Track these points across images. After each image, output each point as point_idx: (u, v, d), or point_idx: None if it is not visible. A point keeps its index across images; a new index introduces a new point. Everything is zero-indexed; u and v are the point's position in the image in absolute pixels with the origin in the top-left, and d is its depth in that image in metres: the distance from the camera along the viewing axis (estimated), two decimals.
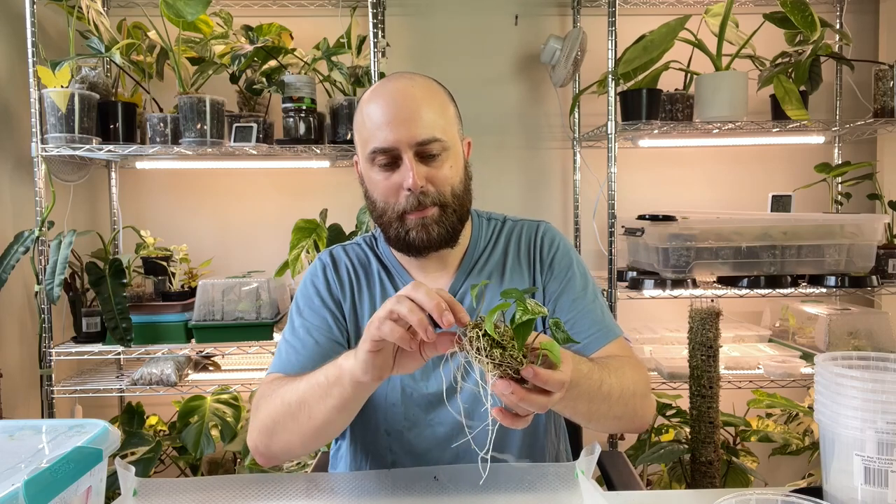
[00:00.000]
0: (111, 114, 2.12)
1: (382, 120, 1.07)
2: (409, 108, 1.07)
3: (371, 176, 1.11)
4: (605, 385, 0.97)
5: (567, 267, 1.21)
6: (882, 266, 2.23)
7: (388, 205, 1.10)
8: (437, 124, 1.08)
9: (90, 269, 1.99)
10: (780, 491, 0.80)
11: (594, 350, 1.14)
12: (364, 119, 1.11)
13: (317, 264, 1.25)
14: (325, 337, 1.16)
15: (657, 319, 2.57)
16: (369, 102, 1.11)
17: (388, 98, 1.09)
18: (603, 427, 1.29)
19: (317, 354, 1.13)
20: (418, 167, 1.07)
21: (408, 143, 1.06)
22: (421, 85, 1.11)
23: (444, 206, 1.10)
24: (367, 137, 1.09)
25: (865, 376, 0.80)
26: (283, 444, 1.04)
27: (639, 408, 1.08)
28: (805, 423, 2.28)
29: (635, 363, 1.13)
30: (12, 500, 0.65)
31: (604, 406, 0.99)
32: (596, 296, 1.21)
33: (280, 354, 1.17)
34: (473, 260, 1.22)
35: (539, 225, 1.27)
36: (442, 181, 1.10)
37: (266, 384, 1.10)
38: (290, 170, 2.52)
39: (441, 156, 1.09)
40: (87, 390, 2.10)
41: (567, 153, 2.59)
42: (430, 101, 1.10)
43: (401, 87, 1.10)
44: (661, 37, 2.11)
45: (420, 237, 1.10)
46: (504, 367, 0.75)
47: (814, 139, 2.49)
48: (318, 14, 2.45)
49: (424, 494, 1.01)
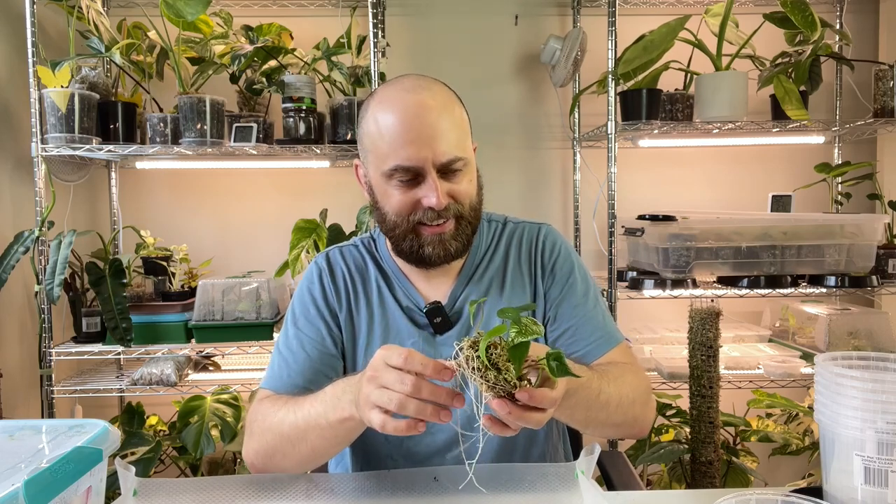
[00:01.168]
0: (111, 114, 2.12)
1: (404, 137, 1.03)
2: (430, 126, 1.03)
3: (385, 189, 1.08)
4: (604, 394, 0.97)
5: (568, 272, 1.20)
6: (882, 266, 2.23)
7: (401, 217, 1.08)
8: (458, 142, 1.06)
9: (90, 269, 1.99)
10: (780, 491, 0.80)
11: (596, 357, 1.14)
12: (380, 131, 1.06)
13: (313, 269, 1.22)
14: (318, 350, 1.15)
15: (657, 319, 2.57)
16: (385, 113, 1.06)
17: (409, 113, 1.04)
18: (601, 433, 1.29)
19: (308, 369, 1.13)
20: (441, 184, 1.05)
21: (432, 163, 1.04)
22: (441, 98, 1.07)
23: (461, 217, 1.09)
24: (387, 153, 1.05)
25: (865, 376, 0.80)
26: (282, 467, 1.07)
27: (638, 415, 1.08)
28: (805, 423, 2.28)
29: (636, 370, 1.13)
30: (12, 500, 0.65)
31: (602, 414, 0.99)
32: (597, 301, 1.20)
33: (272, 368, 1.17)
34: (474, 265, 1.20)
35: (540, 228, 1.25)
36: (463, 196, 1.09)
37: (259, 402, 1.10)
38: (290, 170, 2.52)
39: (461, 171, 1.08)
40: (87, 390, 2.10)
41: (567, 153, 2.59)
42: (449, 116, 1.06)
43: (421, 101, 1.05)
44: (661, 37, 2.11)
45: (437, 253, 1.09)
46: (498, 389, 0.76)
47: (814, 139, 2.49)
48: (318, 14, 2.45)
49: (424, 495, 1.01)
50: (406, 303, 1.18)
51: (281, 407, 1.04)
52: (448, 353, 1.07)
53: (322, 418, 0.96)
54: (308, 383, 1.11)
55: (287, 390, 1.11)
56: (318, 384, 1.07)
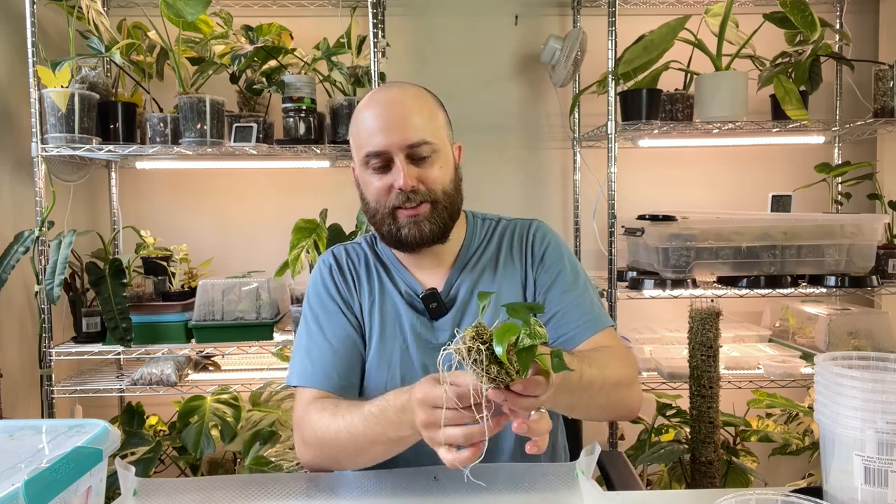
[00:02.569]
0: (111, 114, 2.12)
1: (375, 126, 1.14)
2: (399, 115, 1.14)
3: (365, 178, 1.18)
4: (586, 377, 0.99)
5: (558, 260, 1.25)
6: (882, 266, 2.23)
7: (379, 204, 1.16)
8: (426, 128, 1.15)
9: (90, 269, 1.99)
10: (780, 491, 0.80)
11: (582, 340, 1.16)
12: (359, 126, 1.18)
13: (321, 266, 1.29)
14: (344, 343, 1.21)
15: (657, 319, 2.57)
16: (363, 111, 1.18)
17: (381, 106, 1.16)
18: (589, 416, 1.32)
19: (340, 364, 1.19)
20: (409, 168, 1.13)
21: (398, 146, 1.13)
22: (411, 93, 1.19)
23: (436, 202, 1.16)
24: (362, 143, 1.16)
25: (865, 376, 0.80)
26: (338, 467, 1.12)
27: (624, 397, 1.11)
28: (805, 423, 2.28)
29: (622, 353, 1.15)
30: (12, 500, 0.65)
31: (585, 397, 1.02)
32: (587, 288, 1.24)
33: (303, 366, 1.19)
34: (467, 257, 1.26)
35: (532, 223, 1.31)
36: (433, 181, 1.15)
37: (307, 408, 1.13)
38: (289, 170, 2.52)
39: (431, 157, 1.15)
40: (87, 390, 2.10)
41: (567, 153, 2.59)
42: (419, 107, 1.16)
43: (392, 96, 1.18)
44: (661, 37, 2.11)
45: (412, 234, 1.16)
46: (498, 382, 0.78)
47: (814, 139, 2.49)
48: (318, 14, 2.45)
49: (424, 494, 1.01)
50: (404, 289, 1.24)
51: (332, 417, 1.07)
52: (444, 337, 1.20)
53: (382, 436, 1.00)
54: (342, 378, 1.17)
55: (324, 386, 1.16)
56: (351, 375, 1.18)
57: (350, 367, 1.19)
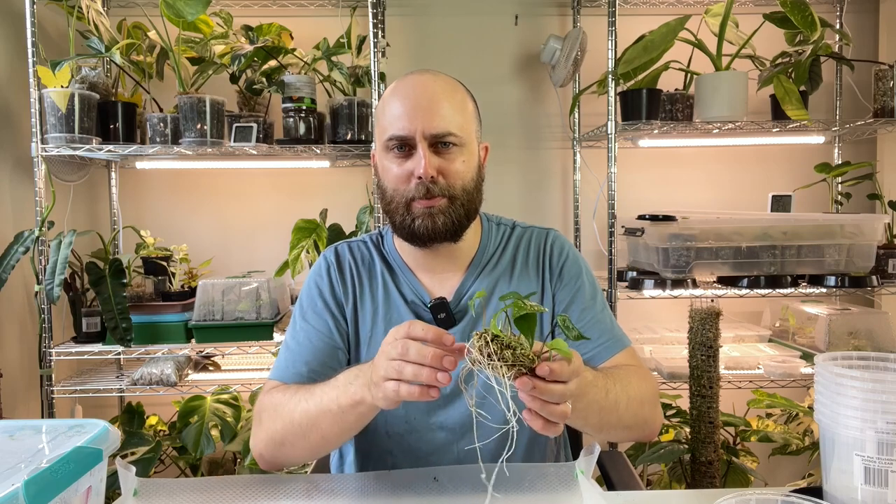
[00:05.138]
0: (111, 114, 2.12)
1: (402, 109, 1.10)
2: (427, 100, 1.10)
3: (385, 163, 1.13)
4: (612, 393, 0.98)
5: (576, 276, 1.21)
6: (882, 266, 2.23)
7: (397, 192, 1.12)
8: (453, 120, 1.10)
9: (90, 269, 1.99)
10: (780, 491, 0.80)
11: (604, 359, 1.15)
12: (385, 108, 1.13)
13: (321, 263, 1.25)
14: (324, 342, 1.17)
15: (657, 319, 2.57)
16: (391, 93, 1.14)
17: (409, 89, 1.12)
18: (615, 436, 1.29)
19: (313, 360, 1.15)
20: (431, 157, 1.09)
21: (423, 133, 1.08)
22: (443, 81, 1.14)
23: (453, 198, 1.11)
24: (386, 126, 1.12)
25: (865, 376, 0.80)
26: (291, 457, 1.08)
27: (648, 416, 1.09)
28: (805, 423, 2.28)
29: (644, 373, 1.14)
30: (12, 500, 0.65)
31: (613, 415, 1.00)
32: (604, 305, 1.22)
33: (280, 359, 1.18)
34: (483, 262, 1.22)
35: (549, 233, 1.27)
36: (453, 174, 1.11)
37: (267, 393, 1.11)
38: (289, 170, 2.52)
39: (454, 150, 1.11)
40: (87, 390, 2.10)
41: (567, 153, 2.59)
42: (450, 96, 1.12)
43: (423, 81, 1.13)
44: (661, 37, 2.11)
45: (425, 225, 1.10)
46: (518, 367, 0.77)
47: (814, 139, 2.49)
48: (318, 14, 2.45)
49: (424, 495, 1.01)
50: (411, 297, 1.19)
51: (291, 396, 1.05)
52: None
53: (334, 403, 0.97)
54: (313, 373, 1.13)
55: (293, 380, 1.13)
56: (323, 375, 1.09)
57: (323, 366, 1.14)
